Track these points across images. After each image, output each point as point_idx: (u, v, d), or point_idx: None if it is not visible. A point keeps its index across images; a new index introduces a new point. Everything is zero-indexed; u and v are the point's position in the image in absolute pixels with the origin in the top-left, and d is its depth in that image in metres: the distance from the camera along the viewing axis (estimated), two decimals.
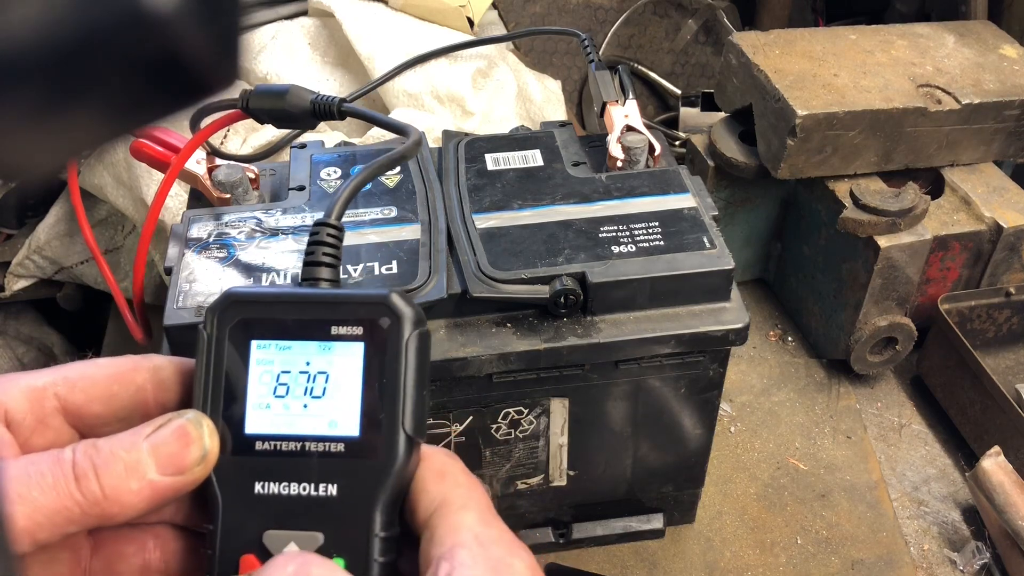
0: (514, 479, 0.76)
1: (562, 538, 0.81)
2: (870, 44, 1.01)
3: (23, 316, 1.19)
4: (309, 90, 0.65)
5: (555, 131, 0.82)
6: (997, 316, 0.98)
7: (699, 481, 0.81)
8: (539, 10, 1.28)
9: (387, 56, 1.00)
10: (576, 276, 0.66)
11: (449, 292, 0.65)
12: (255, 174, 0.76)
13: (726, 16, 1.36)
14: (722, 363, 0.71)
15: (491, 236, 0.68)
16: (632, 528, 0.82)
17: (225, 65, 0.25)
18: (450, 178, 0.75)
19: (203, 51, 0.24)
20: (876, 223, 0.88)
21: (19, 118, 0.23)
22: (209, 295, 0.63)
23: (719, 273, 0.67)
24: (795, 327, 1.07)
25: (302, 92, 0.64)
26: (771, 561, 0.82)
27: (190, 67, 0.24)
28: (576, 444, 0.74)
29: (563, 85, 1.16)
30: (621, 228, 0.69)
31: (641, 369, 0.70)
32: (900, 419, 0.97)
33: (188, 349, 0.63)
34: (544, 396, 0.70)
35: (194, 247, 0.67)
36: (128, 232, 1.09)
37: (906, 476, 0.92)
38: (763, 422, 0.96)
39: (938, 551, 0.85)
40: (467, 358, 0.65)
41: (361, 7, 1.03)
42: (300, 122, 0.65)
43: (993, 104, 0.93)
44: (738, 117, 1.01)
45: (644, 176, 0.75)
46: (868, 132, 0.91)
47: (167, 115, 0.25)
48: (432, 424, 0.70)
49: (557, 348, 0.65)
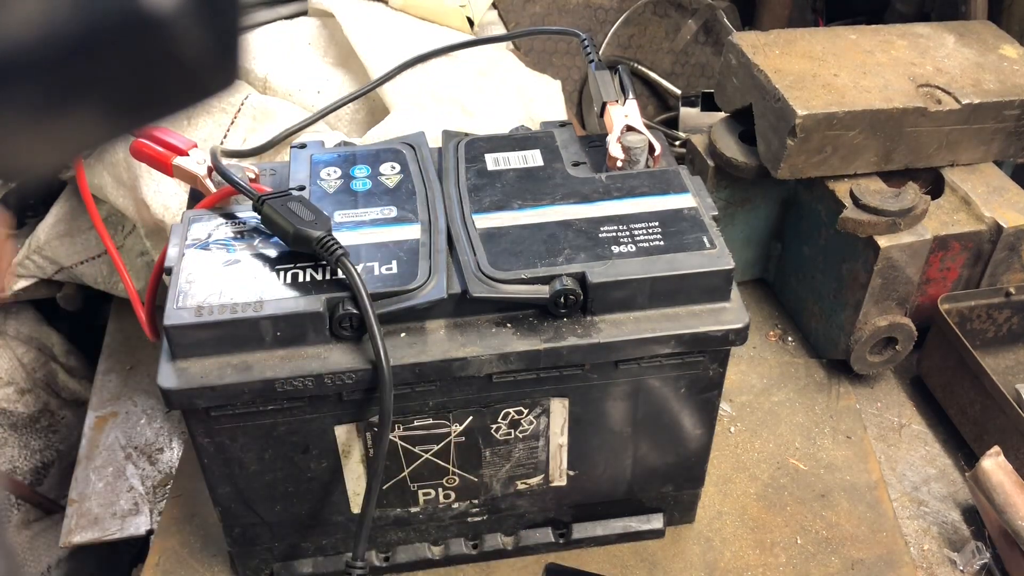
0: (514, 479, 0.76)
1: (562, 538, 0.81)
2: (870, 44, 1.01)
3: (23, 316, 1.19)
4: (314, 233, 0.64)
5: (555, 131, 0.82)
6: (997, 316, 0.98)
7: (699, 481, 0.81)
8: (539, 10, 1.28)
9: (387, 56, 1.00)
10: (576, 276, 0.66)
11: (449, 292, 0.65)
12: (255, 174, 0.76)
13: (726, 16, 1.36)
14: (722, 363, 0.71)
15: (491, 236, 0.68)
16: (632, 528, 0.82)
17: (225, 65, 0.25)
18: (450, 178, 0.75)
19: (203, 51, 0.24)
20: (876, 223, 0.88)
21: (19, 118, 0.23)
22: (209, 295, 0.63)
23: (719, 273, 0.67)
24: (795, 327, 1.07)
25: (308, 233, 0.64)
26: (771, 561, 0.82)
27: (190, 67, 0.24)
28: (576, 444, 0.74)
29: (563, 85, 1.16)
30: (621, 228, 0.69)
31: (641, 369, 0.70)
32: (900, 419, 0.97)
33: (188, 349, 0.64)
34: (544, 396, 0.70)
35: (194, 247, 0.67)
36: (128, 232, 1.09)
37: (906, 476, 0.92)
38: (763, 422, 0.96)
39: (938, 551, 0.85)
40: (467, 358, 0.65)
41: (361, 7, 1.03)
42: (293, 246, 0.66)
43: (993, 104, 0.93)
44: (738, 117, 1.01)
45: (644, 176, 0.75)
46: (868, 132, 0.91)
47: (167, 115, 0.25)
48: (432, 424, 0.70)
49: (557, 348, 0.66)
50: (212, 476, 0.70)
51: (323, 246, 0.63)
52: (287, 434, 0.68)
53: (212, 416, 0.65)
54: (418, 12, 1.07)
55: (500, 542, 0.81)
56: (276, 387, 0.63)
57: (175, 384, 0.62)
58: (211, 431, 0.66)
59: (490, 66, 1.05)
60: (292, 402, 0.66)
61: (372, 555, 0.79)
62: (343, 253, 0.63)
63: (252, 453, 0.68)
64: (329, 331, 0.64)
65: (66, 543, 0.90)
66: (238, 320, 0.62)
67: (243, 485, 0.71)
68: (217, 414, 0.65)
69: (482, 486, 0.76)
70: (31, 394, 1.15)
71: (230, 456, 0.68)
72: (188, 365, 0.63)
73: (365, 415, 0.68)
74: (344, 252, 0.63)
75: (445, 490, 0.75)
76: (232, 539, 0.75)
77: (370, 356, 0.64)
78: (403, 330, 0.66)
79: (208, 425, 0.66)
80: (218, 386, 0.62)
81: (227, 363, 0.63)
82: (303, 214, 0.66)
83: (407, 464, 0.72)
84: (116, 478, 0.94)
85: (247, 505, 0.72)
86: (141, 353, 1.09)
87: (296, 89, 1.01)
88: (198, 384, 0.62)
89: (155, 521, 0.90)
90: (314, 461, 0.70)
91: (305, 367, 0.63)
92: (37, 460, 1.14)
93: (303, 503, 0.73)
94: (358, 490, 0.73)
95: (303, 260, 0.66)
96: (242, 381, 0.62)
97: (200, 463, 0.69)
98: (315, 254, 0.64)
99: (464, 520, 0.78)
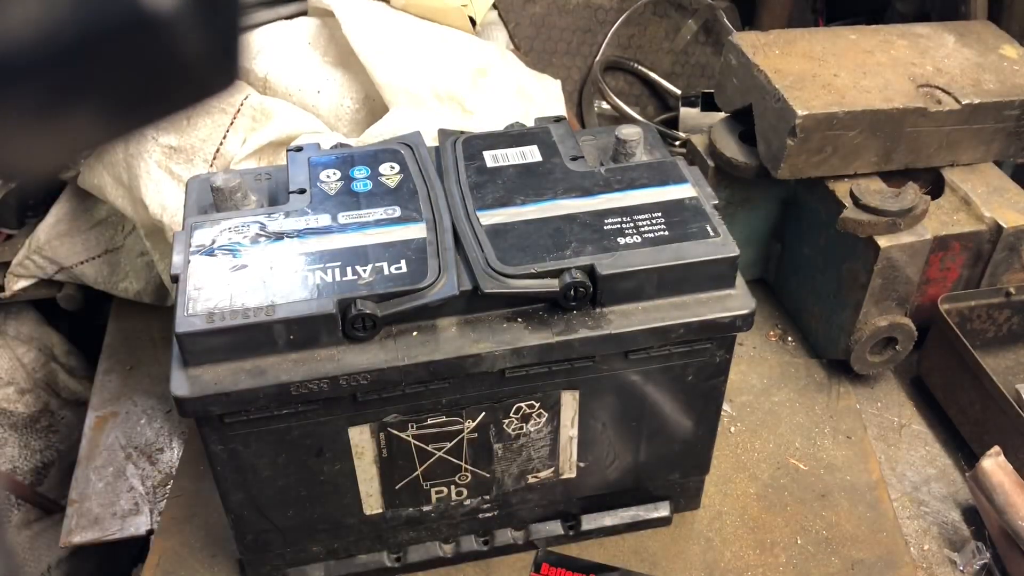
0: (525, 473, 0.76)
1: (571, 530, 0.82)
2: (870, 44, 1.01)
3: (23, 316, 1.19)
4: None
5: (550, 127, 0.82)
6: (997, 316, 0.98)
7: (705, 468, 0.82)
8: (539, 10, 1.28)
9: (387, 55, 1.00)
10: (585, 269, 0.66)
11: (460, 289, 0.65)
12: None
13: (726, 16, 1.36)
14: (728, 349, 0.72)
15: (497, 232, 0.69)
16: (640, 517, 0.83)
17: (225, 65, 0.25)
18: (450, 176, 0.75)
19: (203, 51, 0.24)
20: (876, 223, 0.88)
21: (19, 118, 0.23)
22: (219, 301, 0.63)
23: (725, 260, 0.68)
24: (795, 327, 1.07)
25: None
26: (771, 561, 0.82)
27: (190, 67, 0.24)
28: (585, 435, 0.75)
29: (563, 85, 1.16)
30: (625, 220, 0.70)
31: (650, 358, 0.70)
32: (900, 419, 0.97)
33: (199, 356, 0.63)
34: (554, 389, 0.70)
35: (199, 253, 0.67)
36: (128, 232, 1.09)
37: (906, 476, 0.92)
38: (763, 422, 0.95)
39: (938, 551, 0.85)
40: (480, 354, 0.65)
41: (362, 6, 1.03)
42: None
43: (993, 104, 0.93)
44: (738, 117, 1.01)
45: (643, 168, 0.75)
46: (868, 132, 0.91)
47: (167, 115, 0.25)
48: (445, 422, 0.70)
49: (569, 341, 0.66)
50: (225, 483, 0.69)
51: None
52: (301, 437, 0.68)
53: (226, 423, 0.65)
54: (420, 11, 1.07)
55: (510, 537, 0.81)
56: (291, 391, 0.63)
57: (189, 392, 0.62)
58: (224, 438, 0.66)
59: (490, 65, 1.05)
60: (306, 405, 0.66)
61: (384, 556, 0.80)
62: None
63: (265, 458, 0.68)
64: (342, 332, 0.64)
65: (66, 543, 0.90)
66: (251, 325, 0.62)
67: (256, 491, 0.70)
68: (231, 420, 0.65)
69: (494, 481, 0.76)
70: (31, 394, 1.15)
71: (243, 462, 0.68)
72: (201, 372, 0.63)
73: (379, 415, 0.68)
74: None
75: (457, 487, 0.75)
76: (244, 546, 0.75)
77: (384, 356, 0.64)
78: (415, 329, 0.66)
79: (221, 432, 0.66)
80: (232, 392, 0.62)
81: (240, 368, 0.63)
82: None
83: (420, 463, 0.72)
84: (116, 478, 0.94)
85: (260, 511, 0.72)
86: (141, 353, 1.09)
87: (296, 89, 1.01)
88: (212, 391, 0.62)
89: (155, 521, 0.89)
90: (327, 464, 0.70)
91: (319, 369, 0.63)
92: (37, 460, 1.14)
93: (316, 507, 0.73)
94: (371, 492, 0.74)
95: (311, 263, 0.66)
96: (256, 386, 0.62)
97: (212, 471, 0.68)
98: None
99: (475, 517, 0.79)
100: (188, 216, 0.73)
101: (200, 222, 0.70)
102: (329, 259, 0.66)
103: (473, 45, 1.07)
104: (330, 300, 0.63)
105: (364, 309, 0.63)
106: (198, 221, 0.70)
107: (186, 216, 0.74)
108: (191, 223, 0.70)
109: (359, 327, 0.63)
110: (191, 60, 0.23)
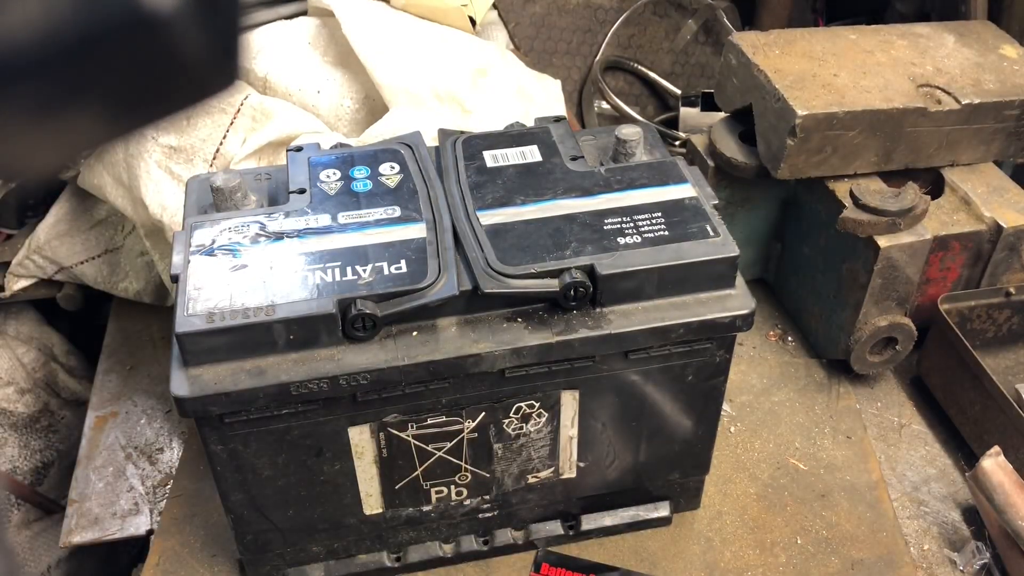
0: (525, 473, 0.76)
1: (571, 530, 0.82)
2: (870, 44, 1.01)
3: (23, 316, 1.19)
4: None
5: (550, 127, 0.82)
6: (997, 316, 0.98)
7: (705, 467, 0.82)
8: (539, 10, 1.28)
9: (387, 55, 1.00)
10: (585, 268, 0.66)
11: (460, 289, 0.65)
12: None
13: (726, 16, 1.36)
14: (728, 349, 0.72)
15: (497, 232, 0.69)
16: (640, 517, 0.83)
17: (225, 65, 0.25)
18: (450, 176, 0.75)
19: (203, 51, 0.24)
20: (876, 223, 0.88)
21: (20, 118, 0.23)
22: (219, 301, 0.63)
23: (725, 260, 0.68)
24: (795, 327, 1.07)
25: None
26: (771, 561, 0.82)
27: (190, 67, 0.24)
28: (585, 435, 0.75)
29: (563, 85, 1.16)
30: (625, 220, 0.70)
31: (650, 358, 0.70)
32: (900, 419, 0.97)
33: (199, 356, 0.63)
34: (554, 389, 0.70)
35: (199, 253, 0.67)
36: (128, 232, 1.09)
37: (906, 476, 0.92)
38: (763, 422, 0.95)
39: (938, 551, 0.85)
40: (480, 354, 0.65)
41: (362, 6, 1.03)
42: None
43: (993, 104, 0.93)
44: (738, 117, 1.01)
45: (643, 168, 0.75)
46: (868, 132, 0.91)
47: (167, 115, 0.25)
48: (445, 422, 0.70)
49: (569, 341, 0.66)
50: (225, 483, 0.69)
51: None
52: (301, 437, 0.68)
53: (226, 423, 0.65)
54: (420, 11, 1.07)
55: (510, 537, 0.81)
56: (291, 391, 0.63)
57: (189, 392, 0.62)
58: (224, 438, 0.66)
59: (490, 65, 1.05)
60: (306, 405, 0.66)
61: (384, 556, 0.80)
62: None
63: (265, 458, 0.68)
64: (342, 332, 0.64)
65: (66, 543, 0.90)
66: (251, 325, 0.62)
67: (256, 491, 0.70)
68: (231, 420, 0.65)
69: (494, 481, 0.76)
70: (31, 394, 1.15)
71: (243, 462, 0.68)
72: (201, 372, 0.63)
73: (379, 415, 0.68)
74: None
75: (457, 487, 0.75)
76: (244, 546, 0.75)
77: (384, 356, 0.64)
78: (415, 329, 0.66)
79: (221, 432, 0.66)
80: (232, 392, 0.62)
81: (240, 368, 0.63)
82: None
83: (420, 463, 0.73)
84: (116, 478, 0.94)
85: (260, 511, 0.72)
86: (141, 353, 1.09)
87: (296, 89, 1.01)
88: (212, 391, 0.62)
89: (155, 521, 0.89)
90: (327, 464, 0.70)
91: (320, 369, 0.63)
92: (37, 460, 1.14)
93: (316, 507, 0.73)
94: (371, 491, 0.74)
95: (311, 263, 0.66)
96: (256, 386, 0.62)
97: (212, 470, 0.69)
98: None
99: (475, 516, 0.79)
100: (188, 216, 0.73)
101: (200, 222, 0.70)
102: (329, 259, 0.66)
103: (473, 45, 1.07)
104: (330, 300, 0.63)
105: (364, 309, 0.63)
106: (198, 221, 0.70)
107: (186, 216, 0.74)
108: (191, 223, 0.70)
109: (359, 327, 0.63)
110: (191, 60, 0.23)
